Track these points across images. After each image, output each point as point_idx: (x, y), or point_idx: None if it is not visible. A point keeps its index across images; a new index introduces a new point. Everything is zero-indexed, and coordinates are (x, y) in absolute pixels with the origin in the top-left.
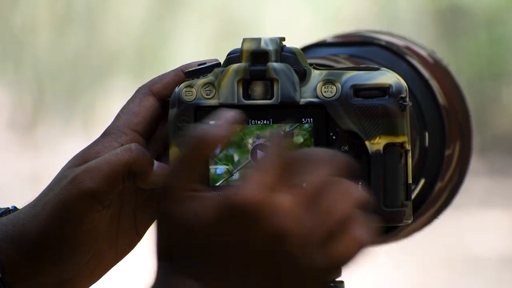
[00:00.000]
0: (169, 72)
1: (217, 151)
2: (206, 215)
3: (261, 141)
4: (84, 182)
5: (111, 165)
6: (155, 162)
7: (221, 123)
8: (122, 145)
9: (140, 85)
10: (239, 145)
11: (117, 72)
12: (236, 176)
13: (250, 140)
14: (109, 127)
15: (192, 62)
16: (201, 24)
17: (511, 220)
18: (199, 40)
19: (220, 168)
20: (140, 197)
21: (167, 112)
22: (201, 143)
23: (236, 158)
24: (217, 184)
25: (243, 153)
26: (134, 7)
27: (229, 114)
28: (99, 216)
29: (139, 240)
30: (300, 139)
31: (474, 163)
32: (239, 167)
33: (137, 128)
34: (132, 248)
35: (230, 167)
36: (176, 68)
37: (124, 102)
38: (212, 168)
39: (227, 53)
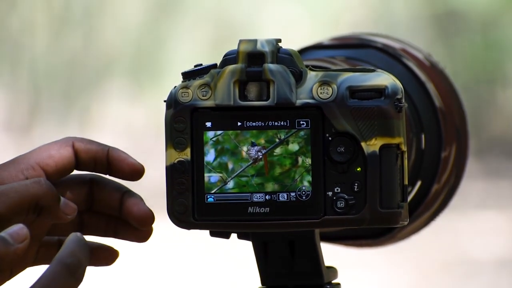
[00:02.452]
0: (97, 142)
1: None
2: None
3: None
4: None
5: (19, 194)
6: (62, 199)
7: (12, 240)
8: (27, 178)
9: (137, 88)
10: (234, 153)
11: (113, 75)
12: (230, 184)
13: (245, 148)
14: (20, 156)
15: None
16: (198, 28)
17: (507, 223)
18: (195, 43)
19: (214, 177)
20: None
21: (79, 164)
22: None
23: (230, 166)
24: (212, 191)
25: (237, 161)
26: (131, 10)
27: (20, 232)
28: None
29: (32, 266)
30: (295, 147)
31: (470, 166)
32: (233, 175)
33: (46, 168)
34: (22, 270)
35: (224, 175)
36: (104, 144)
37: (120, 105)
38: (206, 176)
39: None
